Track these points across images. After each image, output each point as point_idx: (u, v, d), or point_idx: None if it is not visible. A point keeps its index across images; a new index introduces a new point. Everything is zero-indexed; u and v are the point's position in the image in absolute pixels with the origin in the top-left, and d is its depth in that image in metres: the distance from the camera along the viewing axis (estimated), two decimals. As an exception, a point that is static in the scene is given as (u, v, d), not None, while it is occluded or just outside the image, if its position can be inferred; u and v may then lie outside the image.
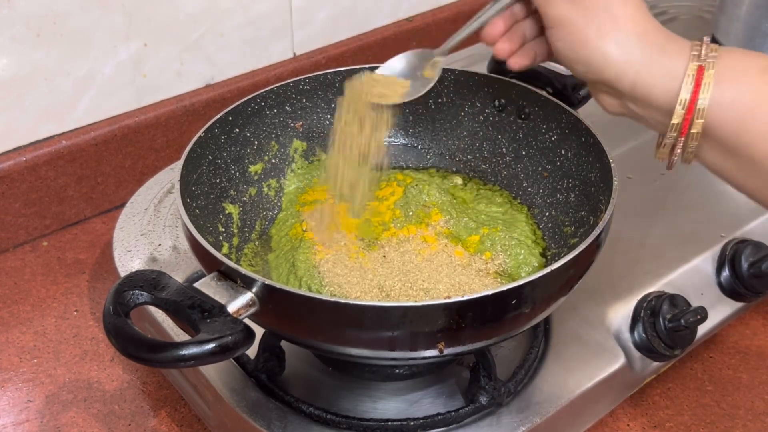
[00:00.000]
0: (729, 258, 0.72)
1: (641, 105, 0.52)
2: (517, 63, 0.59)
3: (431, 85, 0.63)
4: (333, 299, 0.48)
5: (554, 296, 0.53)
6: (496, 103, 0.72)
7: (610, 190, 0.57)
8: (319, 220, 0.67)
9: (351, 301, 0.48)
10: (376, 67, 0.65)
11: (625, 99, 0.53)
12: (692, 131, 0.50)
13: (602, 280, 0.69)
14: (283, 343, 0.61)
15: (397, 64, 0.64)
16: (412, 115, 0.75)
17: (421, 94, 0.63)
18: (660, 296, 0.67)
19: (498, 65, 0.74)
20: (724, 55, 0.50)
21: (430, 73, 0.63)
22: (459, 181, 0.74)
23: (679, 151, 0.52)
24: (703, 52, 0.50)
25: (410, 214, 0.69)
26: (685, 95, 0.49)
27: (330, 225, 0.66)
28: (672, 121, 0.50)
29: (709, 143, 0.50)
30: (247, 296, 0.49)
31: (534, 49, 0.59)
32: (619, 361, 0.64)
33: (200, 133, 0.64)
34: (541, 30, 0.57)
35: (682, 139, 0.50)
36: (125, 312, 0.48)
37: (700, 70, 0.49)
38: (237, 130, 0.68)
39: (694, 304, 0.66)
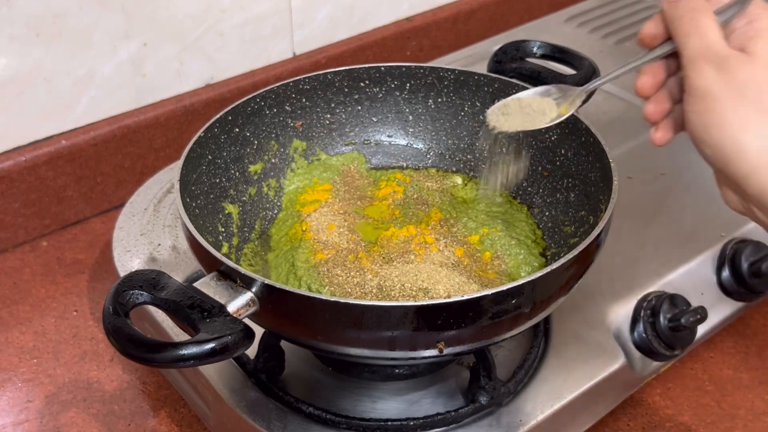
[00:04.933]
0: (729, 258, 0.72)
1: None
2: (662, 138, 0.52)
3: (562, 119, 0.58)
4: (333, 299, 0.48)
5: (554, 296, 0.52)
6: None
7: (610, 189, 0.57)
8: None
9: (351, 301, 0.48)
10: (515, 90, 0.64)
11: (751, 202, 0.46)
12: None
13: (602, 280, 0.69)
14: (283, 343, 0.61)
15: (540, 91, 0.61)
16: (412, 114, 0.75)
17: (555, 123, 0.58)
18: (660, 296, 0.67)
19: (498, 65, 0.74)
20: None
21: (566, 109, 0.58)
22: (459, 181, 0.74)
23: None
24: None
25: (410, 214, 0.69)
26: None
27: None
28: None
29: None
30: (247, 296, 0.49)
31: (681, 116, 0.51)
32: (619, 361, 0.64)
33: (200, 132, 0.64)
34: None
35: None
36: (125, 312, 0.48)
37: None
38: (237, 129, 0.68)
39: (694, 303, 0.66)
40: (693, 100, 0.47)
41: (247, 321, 0.49)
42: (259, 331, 0.51)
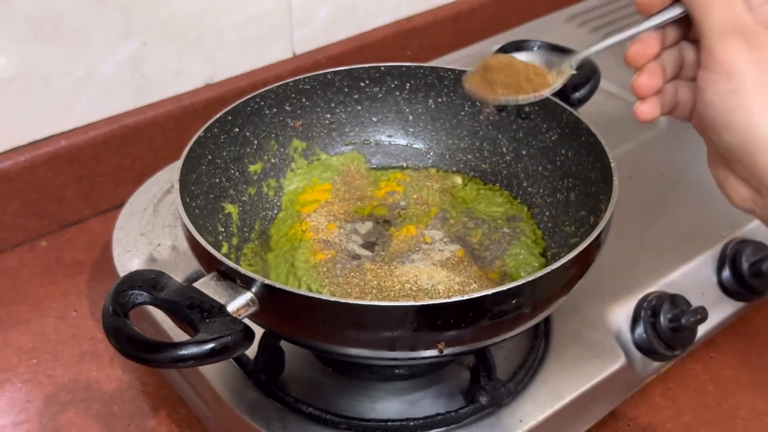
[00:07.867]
0: (729, 258, 0.72)
1: None
2: (648, 113, 0.46)
3: (552, 91, 0.53)
4: (333, 299, 0.48)
5: (554, 296, 0.52)
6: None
7: (611, 189, 0.57)
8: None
9: (351, 301, 0.48)
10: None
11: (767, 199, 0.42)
12: None
13: (602, 280, 0.69)
14: (283, 343, 0.61)
15: (534, 56, 0.55)
16: (412, 114, 0.75)
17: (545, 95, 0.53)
18: (660, 296, 0.66)
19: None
20: None
21: (554, 78, 0.53)
22: (459, 181, 0.74)
23: None
24: None
25: (410, 214, 0.69)
26: None
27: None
28: None
29: None
30: (247, 296, 0.49)
31: (671, 94, 0.45)
32: (620, 361, 0.64)
33: (199, 132, 0.64)
34: (685, 68, 0.45)
35: None
36: (124, 312, 0.47)
37: None
38: (236, 129, 0.68)
39: (695, 304, 0.66)
40: (715, 78, 0.41)
41: (246, 321, 0.48)
42: (259, 331, 0.51)
